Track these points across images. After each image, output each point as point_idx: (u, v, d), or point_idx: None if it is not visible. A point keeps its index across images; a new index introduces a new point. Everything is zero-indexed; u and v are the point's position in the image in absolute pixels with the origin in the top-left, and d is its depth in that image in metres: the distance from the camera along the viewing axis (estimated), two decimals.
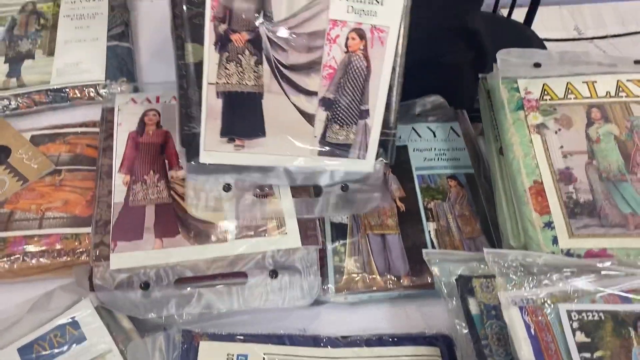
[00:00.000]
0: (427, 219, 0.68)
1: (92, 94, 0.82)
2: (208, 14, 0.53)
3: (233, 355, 0.56)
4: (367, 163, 0.59)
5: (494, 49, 0.72)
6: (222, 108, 0.56)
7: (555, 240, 0.57)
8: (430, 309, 0.63)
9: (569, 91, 0.67)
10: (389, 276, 0.63)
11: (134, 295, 0.57)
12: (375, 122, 0.58)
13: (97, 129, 0.75)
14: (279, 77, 0.56)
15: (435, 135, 0.76)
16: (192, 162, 0.57)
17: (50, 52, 0.86)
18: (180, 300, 0.58)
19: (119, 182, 0.63)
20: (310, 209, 0.61)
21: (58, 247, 0.64)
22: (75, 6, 0.93)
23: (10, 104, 0.81)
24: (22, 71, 0.84)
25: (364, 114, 0.58)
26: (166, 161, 0.66)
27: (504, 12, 1.55)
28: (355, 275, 0.63)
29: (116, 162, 0.65)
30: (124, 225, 0.60)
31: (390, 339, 0.58)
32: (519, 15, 1.49)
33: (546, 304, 0.51)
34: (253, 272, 0.58)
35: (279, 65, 0.56)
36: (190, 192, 0.60)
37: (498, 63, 0.70)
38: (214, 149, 0.57)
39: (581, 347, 0.48)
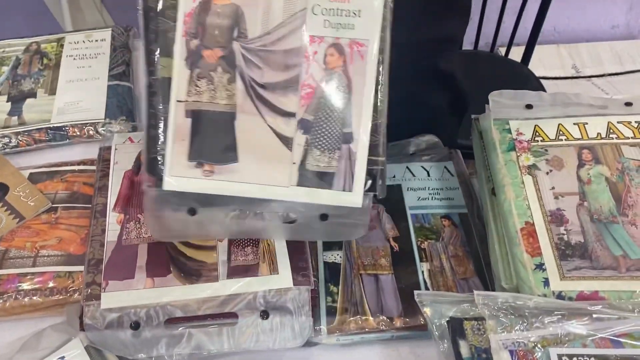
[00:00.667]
0: (421, 259, 0.67)
1: (91, 132, 0.83)
2: (180, 28, 0.52)
3: None
4: (355, 196, 0.53)
5: (490, 87, 0.72)
6: (191, 129, 0.52)
7: (546, 283, 0.57)
8: (423, 351, 0.62)
9: (560, 132, 0.68)
10: (381, 317, 0.62)
11: (124, 335, 0.57)
12: (360, 147, 0.53)
13: (94, 167, 0.76)
14: (253, 97, 0.53)
15: (429, 175, 0.77)
16: (157, 189, 0.53)
17: (52, 91, 0.88)
18: (170, 340, 0.58)
19: (112, 221, 0.64)
20: (287, 234, 0.59)
21: (51, 285, 0.64)
22: (78, 46, 0.95)
23: (10, 141, 0.82)
24: (23, 109, 0.86)
25: (348, 137, 0.53)
26: None
27: (502, 50, 1.58)
28: (347, 316, 0.62)
29: (111, 200, 0.66)
30: (116, 264, 0.60)
31: None
32: (517, 53, 1.52)
33: (537, 348, 0.51)
34: (244, 313, 0.58)
35: (253, 83, 0.53)
36: (150, 218, 0.56)
37: (490, 104, 0.71)
38: (180, 174, 0.52)
39: None
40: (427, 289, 0.65)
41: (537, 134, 0.68)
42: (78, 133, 0.83)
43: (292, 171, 0.53)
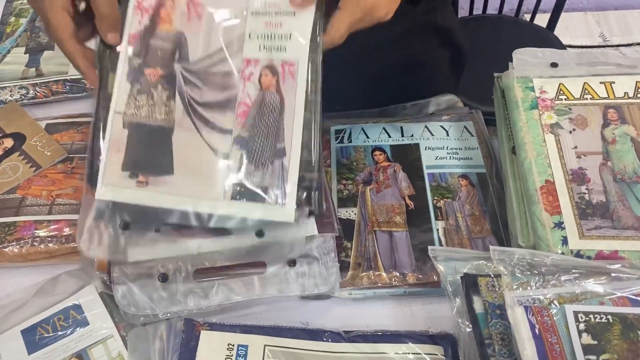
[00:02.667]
0: (436, 218, 0.67)
1: None
2: (124, 46, 0.54)
3: (234, 345, 0.55)
4: (287, 211, 0.54)
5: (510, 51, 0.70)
6: (127, 139, 0.53)
7: (565, 241, 0.56)
8: (436, 307, 0.62)
9: (586, 91, 0.66)
10: (394, 273, 0.62)
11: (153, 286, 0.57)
12: (292, 162, 0.55)
13: None
14: (191, 114, 0.55)
15: (448, 134, 0.75)
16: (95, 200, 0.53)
17: None
18: (200, 292, 0.57)
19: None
20: (224, 256, 0.57)
21: (66, 232, 0.64)
22: None
23: (28, 92, 0.82)
24: (41, 62, 0.86)
25: (280, 152, 0.55)
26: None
27: (527, 17, 1.53)
28: (360, 271, 0.62)
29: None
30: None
31: (393, 336, 0.58)
32: (543, 21, 1.47)
33: (553, 304, 0.50)
34: (271, 262, 0.58)
35: (192, 101, 0.55)
36: (83, 231, 0.54)
37: (513, 62, 0.69)
38: (113, 183, 0.53)
39: (587, 349, 0.47)
40: (441, 246, 0.64)
41: (562, 92, 0.66)
42: None
43: (226, 185, 0.54)
